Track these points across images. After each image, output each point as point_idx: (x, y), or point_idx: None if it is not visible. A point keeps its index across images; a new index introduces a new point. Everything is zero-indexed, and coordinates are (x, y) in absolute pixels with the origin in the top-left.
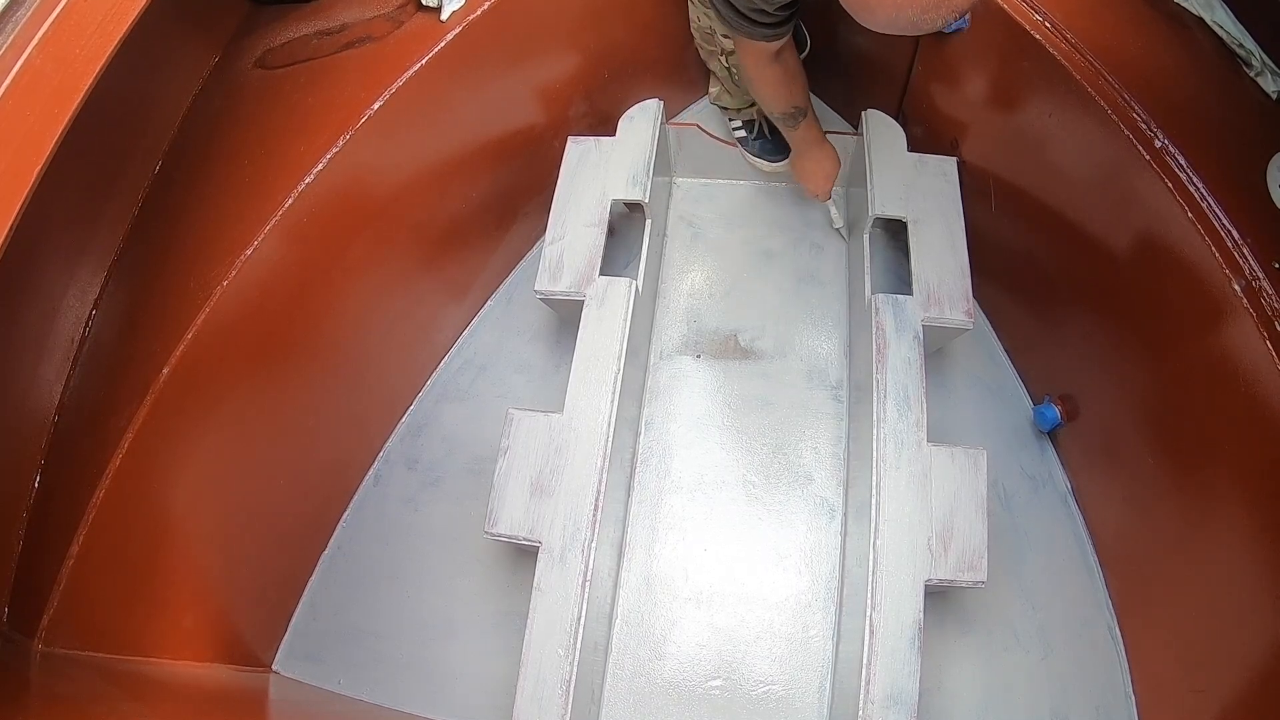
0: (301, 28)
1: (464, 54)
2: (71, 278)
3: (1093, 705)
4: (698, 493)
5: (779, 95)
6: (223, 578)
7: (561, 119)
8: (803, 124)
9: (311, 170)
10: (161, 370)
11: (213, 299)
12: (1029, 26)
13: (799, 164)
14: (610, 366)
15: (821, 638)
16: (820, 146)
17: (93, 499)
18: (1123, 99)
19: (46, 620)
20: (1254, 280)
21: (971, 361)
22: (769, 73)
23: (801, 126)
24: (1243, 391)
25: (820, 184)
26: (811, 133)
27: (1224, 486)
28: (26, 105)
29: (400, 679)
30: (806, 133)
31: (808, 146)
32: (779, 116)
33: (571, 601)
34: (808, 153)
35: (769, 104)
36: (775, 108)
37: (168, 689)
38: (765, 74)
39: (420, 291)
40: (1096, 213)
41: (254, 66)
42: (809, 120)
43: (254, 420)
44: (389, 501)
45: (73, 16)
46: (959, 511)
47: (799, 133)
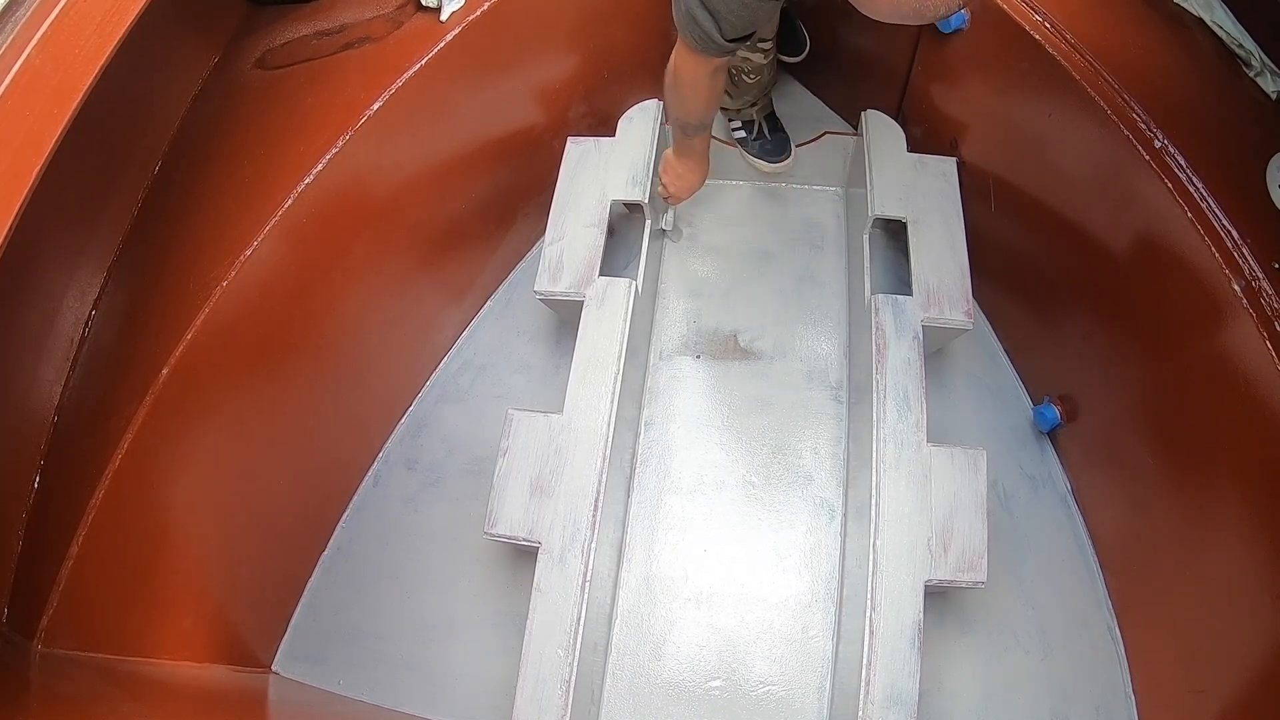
0: (301, 28)
1: (463, 54)
2: (71, 278)
3: (1093, 705)
4: (697, 493)
5: (697, 107)
6: (222, 578)
7: (561, 119)
8: (699, 137)
9: (311, 171)
10: (161, 371)
11: (212, 299)
12: (1028, 27)
13: (674, 165)
14: (610, 367)
15: (821, 638)
16: (701, 161)
17: (92, 499)
18: (1122, 99)
19: (46, 621)
20: (1254, 280)
21: (971, 362)
22: (701, 84)
23: (697, 138)
24: (1242, 391)
25: (682, 192)
26: (702, 146)
27: (1224, 486)
28: (26, 105)
29: (400, 679)
30: (699, 145)
31: (690, 155)
32: (687, 123)
33: (571, 602)
34: (688, 161)
35: (684, 110)
36: (688, 115)
37: (167, 689)
38: (697, 87)
39: (420, 292)
40: (1096, 213)
41: (254, 67)
42: (705, 136)
43: (253, 421)
44: (389, 502)
45: (72, 16)
46: (959, 512)
47: (691, 142)
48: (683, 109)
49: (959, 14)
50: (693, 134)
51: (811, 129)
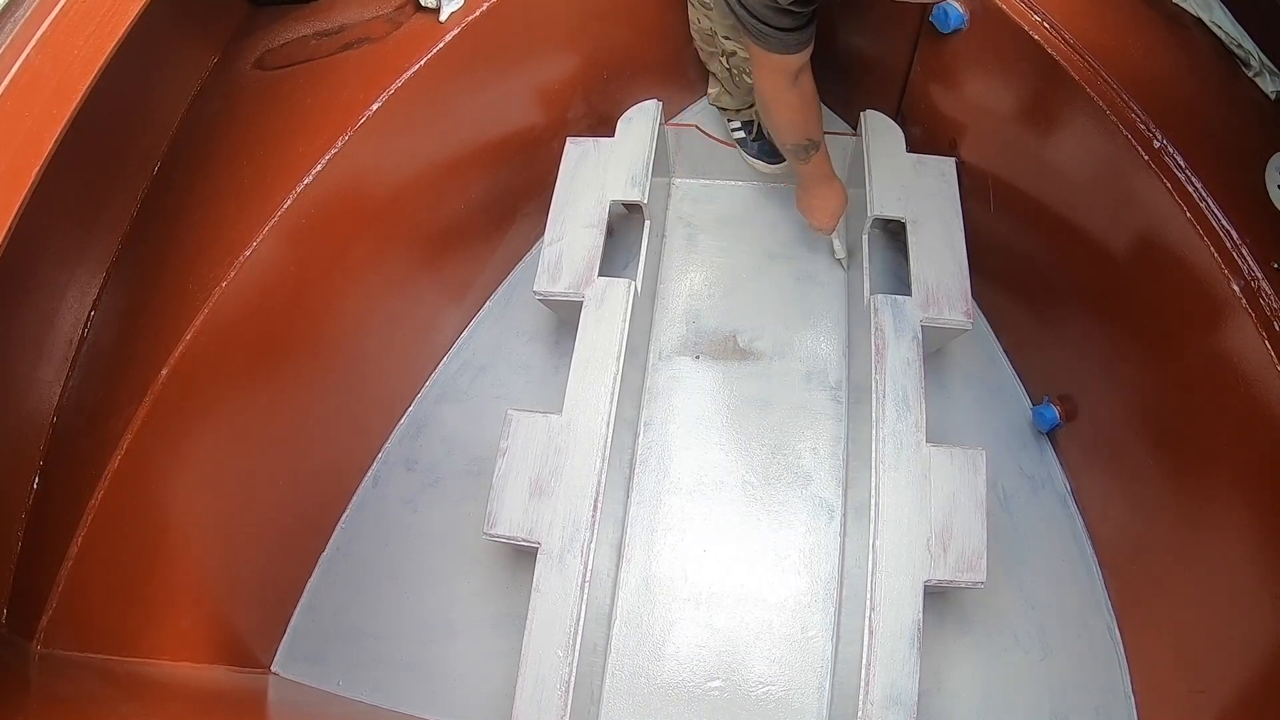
0: (300, 29)
1: (463, 55)
2: (70, 278)
3: (1092, 706)
4: (697, 493)
5: (794, 124)
6: (222, 579)
7: (560, 120)
8: (814, 158)
9: (310, 171)
10: (160, 371)
11: (212, 300)
12: (1028, 27)
13: (805, 199)
14: (609, 367)
15: (821, 638)
16: (829, 183)
17: (91, 500)
18: (1121, 99)
19: (45, 621)
20: (1253, 280)
21: (970, 362)
22: (787, 97)
23: (813, 161)
24: (1241, 391)
25: (826, 221)
26: (822, 168)
27: (1223, 486)
28: (25, 105)
29: (399, 680)
30: (817, 168)
31: (816, 183)
32: (791, 148)
33: (571, 602)
34: (816, 189)
35: (783, 133)
36: (789, 138)
37: (167, 690)
38: (783, 99)
39: (419, 292)
40: (1095, 213)
41: (253, 67)
42: (821, 154)
43: (253, 421)
44: (388, 502)
45: (71, 16)
46: (958, 512)
47: (809, 167)
48: (786, 131)
49: (958, 14)
50: (807, 156)
51: None
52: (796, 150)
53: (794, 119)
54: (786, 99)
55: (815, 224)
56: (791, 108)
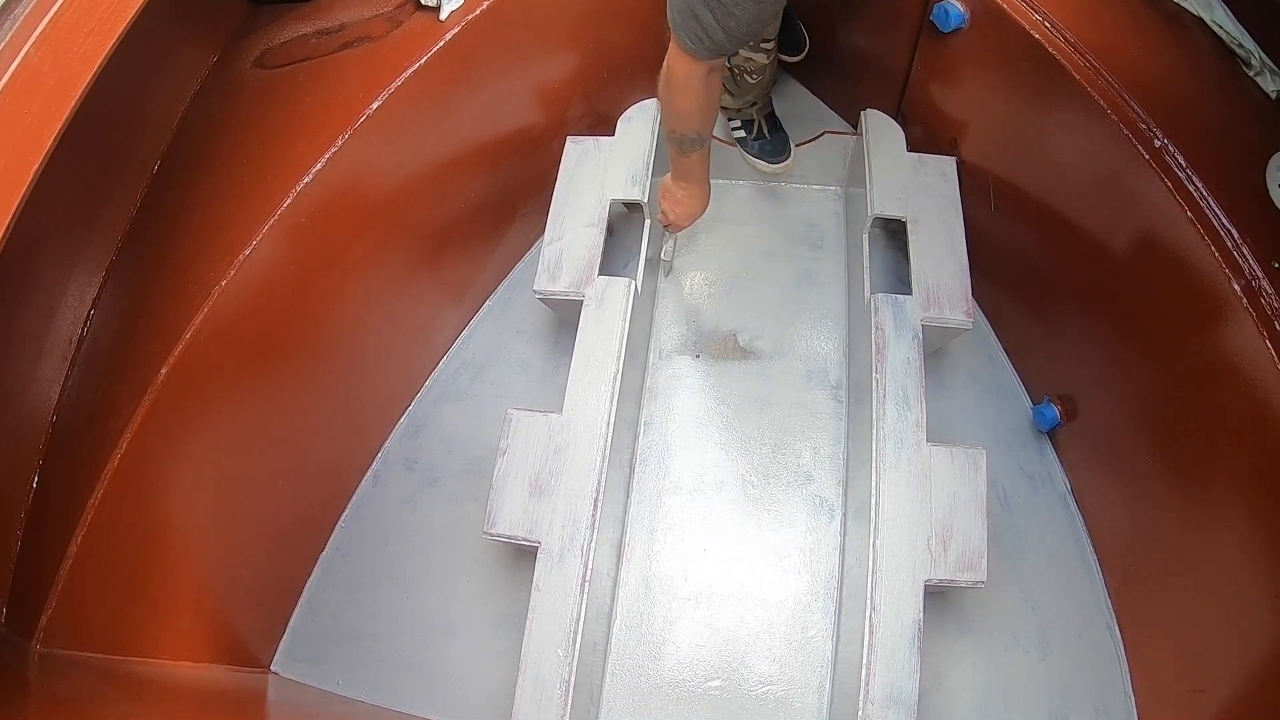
0: (300, 27)
1: (463, 54)
2: (70, 277)
3: (1092, 705)
4: (697, 493)
5: (692, 116)
6: (221, 578)
7: (560, 119)
8: (697, 154)
9: (310, 170)
10: (160, 371)
11: (211, 299)
12: (1028, 26)
13: (672, 190)
14: (609, 367)
15: (821, 638)
16: (701, 184)
17: (91, 499)
18: (1122, 98)
19: (45, 621)
20: (1253, 280)
21: (971, 361)
22: (694, 87)
23: (695, 156)
24: (1242, 391)
25: (682, 220)
26: (701, 167)
27: (1223, 486)
28: (24, 103)
29: (399, 679)
30: (696, 164)
31: (690, 178)
32: (679, 137)
33: (571, 602)
34: (686, 184)
35: (677, 120)
36: (680, 126)
37: (166, 690)
38: (690, 87)
39: (419, 291)
40: (1096, 212)
41: (253, 66)
42: (704, 153)
43: (252, 421)
44: (388, 502)
45: (71, 15)
46: (958, 511)
47: (690, 161)
48: (677, 119)
49: (959, 13)
50: (689, 149)
51: (811, 128)
52: (683, 141)
53: (694, 112)
54: (694, 90)
55: (670, 218)
56: (696, 100)
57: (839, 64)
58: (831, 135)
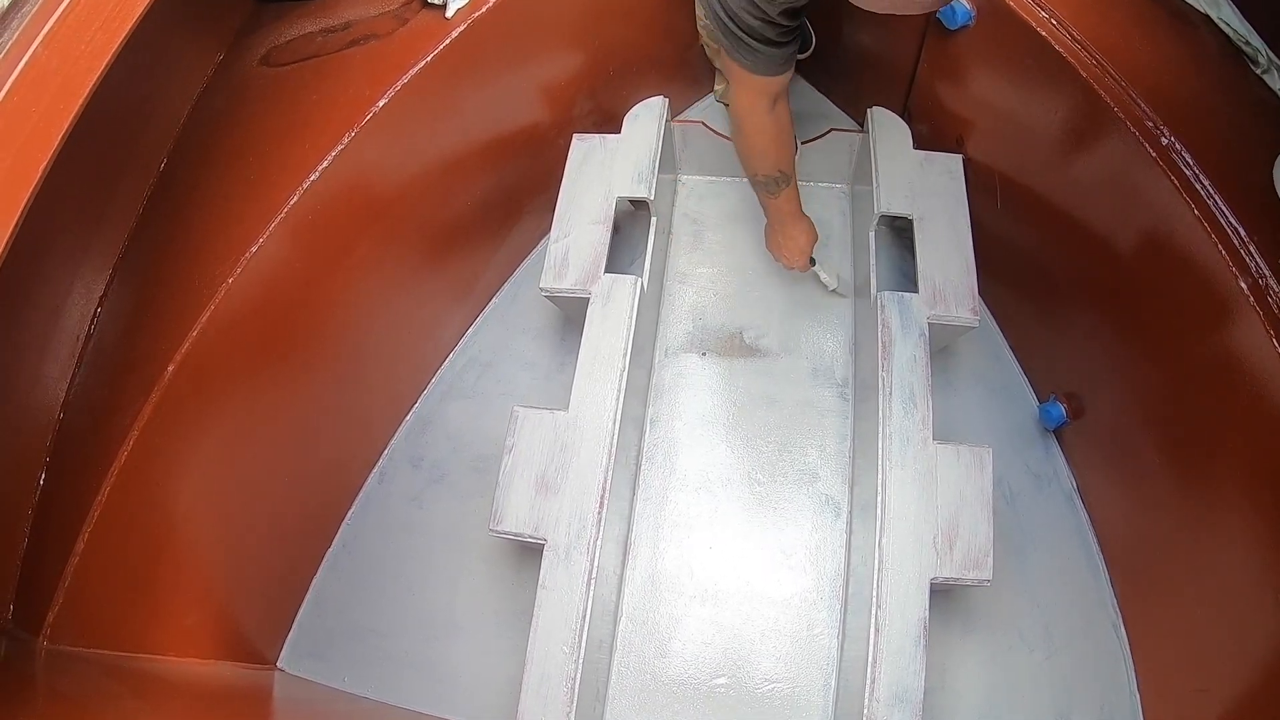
0: (306, 25)
1: (469, 51)
2: (76, 275)
3: (1097, 704)
4: (703, 490)
5: (767, 153)
6: (227, 575)
7: (566, 116)
8: (784, 193)
9: (316, 168)
10: (166, 368)
11: (218, 297)
12: (1034, 24)
13: (773, 236)
14: (615, 364)
15: (826, 636)
16: (797, 221)
17: (97, 496)
18: (1129, 96)
19: (51, 618)
20: (1260, 278)
21: (977, 359)
22: (762, 123)
23: (783, 195)
24: (1248, 389)
25: (798, 259)
26: (791, 204)
27: (1229, 484)
28: (32, 101)
29: (405, 676)
30: (786, 204)
31: (784, 220)
32: (762, 180)
33: (576, 599)
34: (784, 227)
35: (754, 163)
36: (760, 168)
37: (172, 686)
38: (758, 123)
39: (425, 289)
40: (1102, 211)
41: (259, 64)
42: (791, 190)
43: (258, 418)
44: (394, 499)
45: (78, 13)
46: (964, 510)
47: (778, 202)
48: (755, 160)
49: (965, 10)
50: (776, 190)
51: (817, 126)
52: (767, 183)
53: (767, 148)
54: (762, 124)
55: (786, 263)
56: (766, 134)
57: (845, 62)
58: (837, 133)
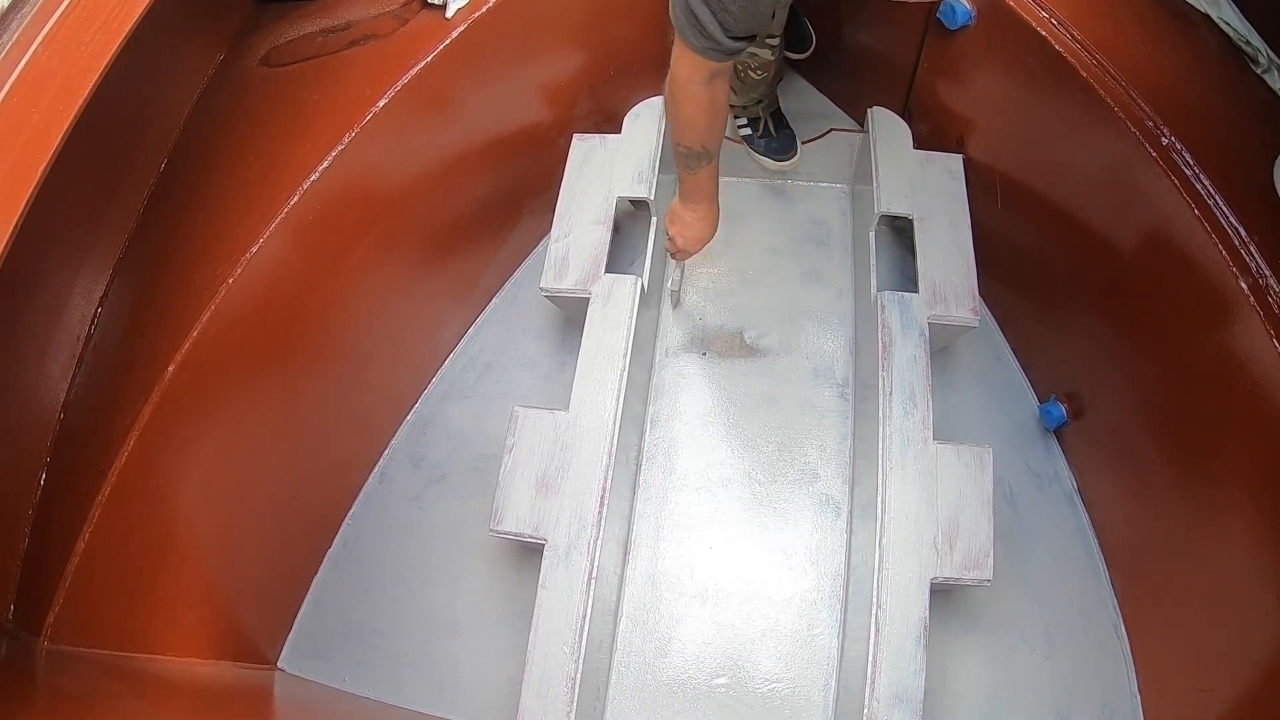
0: (306, 25)
1: (469, 51)
2: (77, 275)
3: (1097, 704)
4: (703, 490)
5: (696, 125)
6: (228, 575)
7: (566, 116)
8: (704, 170)
9: (316, 168)
10: (167, 368)
11: (218, 297)
12: (1035, 24)
13: (678, 212)
14: (616, 364)
15: (827, 635)
16: (709, 204)
17: (98, 496)
18: (1129, 96)
19: (52, 618)
20: (1260, 278)
21: (977, 359)
22: (696, 93)
23: (702, 172)
24: (1249, 389)
25: (692, 244)
26: (708, 184)
27: (1230, 485)
28: (32, 102)
29: (406, 676)
30: (704, 182)
31: (697, 198)
32: (684, 151)
33: (577, 599)
34: (694, 205)
35: (682, 129)
36: (685, 138)
37: (173, 686)
38: (691, 93)
39: (425, 289)
40: (1103, 210)
41: (259, 64)
42: (711, 169)
43: (259, 418)
44: (394, 499)
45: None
46: (964, 510)
47: (697, 178)
48: (682, 128)
49: (965, 10)
50: (696, 165)
51: (817, 126)
52: (689, 156)
53: (696, 118)
54: (695, 95)
55: (678, 244)
56: (698, 105)
57: (845, 61)
58: (838, 133)
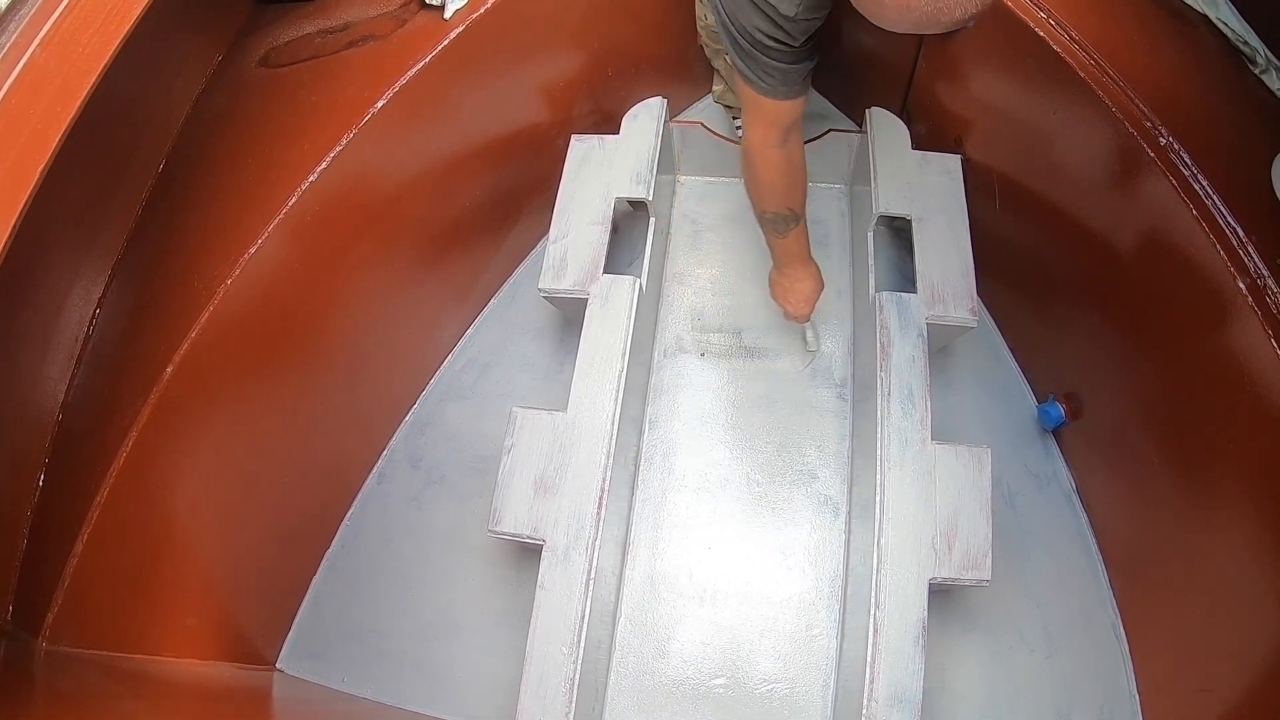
0: (305, 26)
1: (467, 52)
2: (75, 276)
3: (1097, 704)
4: (702, 491)
5: (776, 188)
6: (227, 576)
7: (565, 117)
8: (793, 233)
9: (315, 169)
10: (165, 369)
11: (216, 298)
12: (1033, 24)
13: (779, 280)
14: (614, 364)
15: (825, 636)
16: (806, 265)
17: (97, 497)
18: (1127, 96)
19: (51, 618)
20: (1259, 278)
21: (976, 360)
22: (773, 156)
23: (791, 236)
24: (1247, 389)
25: (802, 307)
26: (799, 246)
27: (1228, 484)
28: (30, 102)
29: (404, 677)
30: (795, 245)
31: (791, 263)
32: (770, 217)
33: (575, 599)
34: (791, 270)
35: (763, 198)
36: (769, 204)
37: (171, 687)
38: (769, 157)
39: (424, 290)
40: (1101, 210)
41: (257, 65)
42: (800, 230)
43: (258, 419)
44: (393, 500)
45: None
46: (963, 510)
47: (786, 242)
48: (763, 195)
49: None
50: (784, 229)
51: (816, 127)
52: (775, 221)
53: (776, 183)
54: (773, 158)
55: (790, 310)
56: (776, 169)
57: (843, 62)
58: (836, 133)
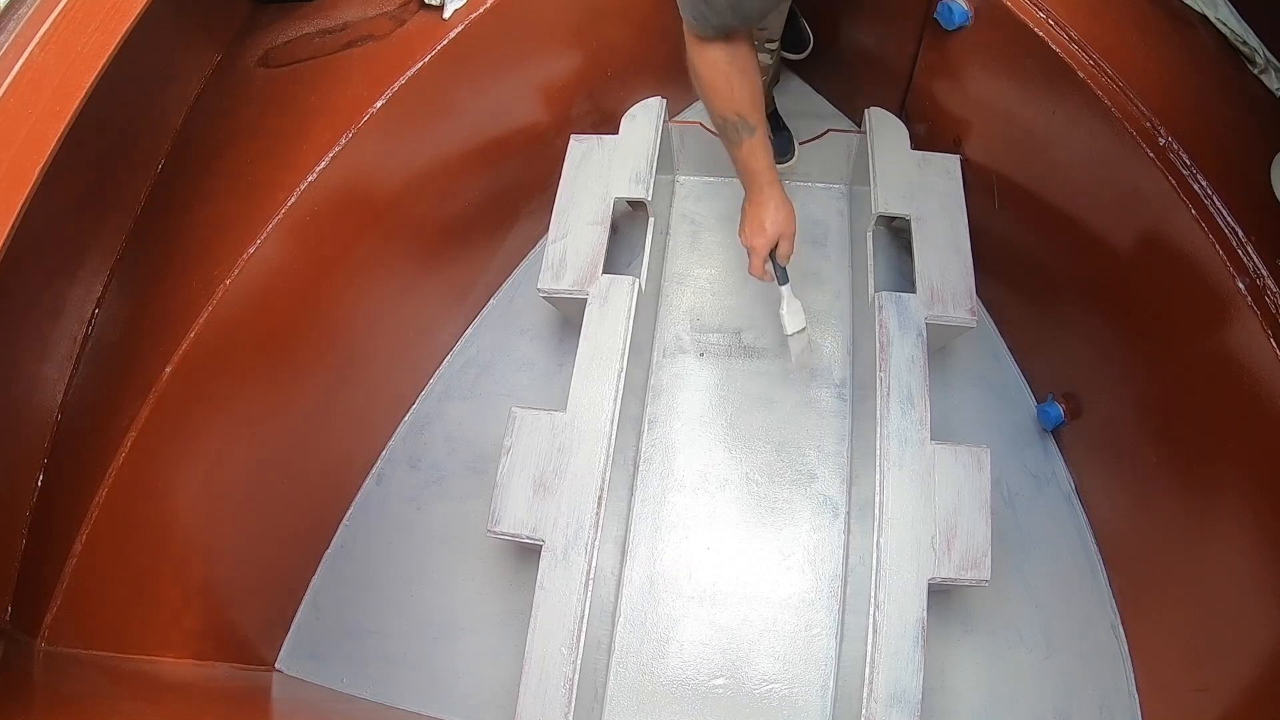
0: (304, 26)
1: (466, 52)
2: (74, 276)
3: (1096, 704)
4: (701, 491)
5: (720, 90)
6: (226, 576)
7: (564, 117)
8: (746, 144)
9: (314, 169)
10: (164, 369)
11: (215, 298)
12: (1032, 24)
13: (745, 211)
14: (613, 365)
15: (825, 636)
16: (768, 188)
17: (95, 498)
18: (1126, 96)
19: (50, 619)
20: (1258, 278)
21: (975, 360)
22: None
23: (745, 146)
24: (1246, 389)
25: (754, 238)
26: (758, 163)
27: (1228, 484)
28: (29, 102)
29: (403, 677)
30: (752, 160)
31: (752, 184)
32: (724, 122)
33: (574, 600)
34: (755, 193)
35: (715, 102)
36: (720, 107)
37: (170, 687)
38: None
39: (423, 290)
40: (1100, 210)
41: (256, 65)
42: (756, 144)
43: (256, 419)
44: (392, 500)
45: (75, 14)
46: (962, 510)
47: (743, 155)
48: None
49: (962, 11)
50: (736, 135)
51: (815, 127)
52: (725, 128)
53: (720, 85)
54: (711, 59)
55: (745, 241)
56: (720, 71)
57: (843, 62)
58: (835, 133)
